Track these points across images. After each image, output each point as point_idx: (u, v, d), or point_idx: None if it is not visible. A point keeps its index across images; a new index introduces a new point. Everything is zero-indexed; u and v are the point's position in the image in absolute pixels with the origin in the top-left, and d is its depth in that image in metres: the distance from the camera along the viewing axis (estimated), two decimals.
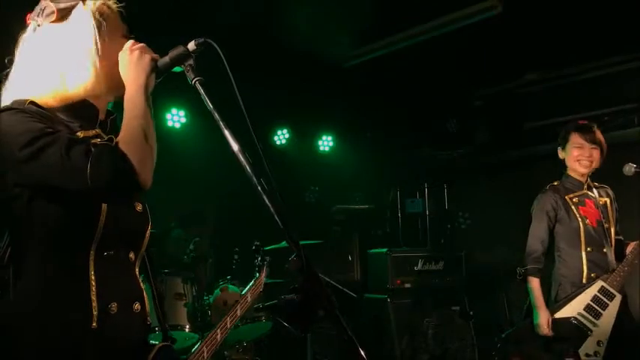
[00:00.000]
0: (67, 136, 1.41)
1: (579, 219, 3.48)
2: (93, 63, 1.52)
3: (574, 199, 3.54)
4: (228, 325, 2.69)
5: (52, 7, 1.55)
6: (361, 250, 6.17)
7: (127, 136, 1.43)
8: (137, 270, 1.64)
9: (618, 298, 3.35)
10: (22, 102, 1.46)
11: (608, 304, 3.33)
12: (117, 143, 1.41)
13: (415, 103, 6.38)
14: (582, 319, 3.33)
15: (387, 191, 7.10)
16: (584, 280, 3.41)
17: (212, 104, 1.43)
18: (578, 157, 3.51)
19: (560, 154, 3.65)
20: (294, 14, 4.56)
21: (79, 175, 1.34)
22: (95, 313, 1.43)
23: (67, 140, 1.38)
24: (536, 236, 3.57)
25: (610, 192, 3.66)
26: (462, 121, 6.64)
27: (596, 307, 3.34)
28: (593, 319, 3.32)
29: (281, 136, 7.00)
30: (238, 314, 2.88)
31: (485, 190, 6.49)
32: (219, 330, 2.61)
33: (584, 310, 3.34)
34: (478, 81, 6.04)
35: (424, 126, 6.78)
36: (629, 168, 3.43)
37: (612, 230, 3.52)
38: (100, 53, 1.53)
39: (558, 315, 3.41)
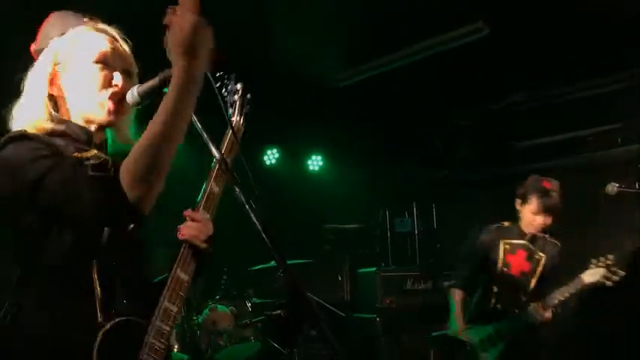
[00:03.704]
0: (70, 161, 1.44)
1: (500, 263, 3.68)
2: (44, 102, 1.60)
3: (506, 246, 3.71)
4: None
5: (32, 49, 1.68)
6: (351, 269, 6.18)
7: (130, 165, 1.35)
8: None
9: (500, 346, 3.54)
10: (18, 132, 1.53)
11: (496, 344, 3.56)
12: (116, 173, 1.36)
13: (403, 123, 6.45)
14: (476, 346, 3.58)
15: (377, 211, 7.13)
16: (490, 306, 3.68)
17: (201, 124, 1.45)
18: (533, 222, 3.60)
19: (517, 205, 3.71)
20: (283, 36, 4.63)
21: (76, 204, 1.37)
22: (100, 319, 1.46)
23: (70, 165, 1.42)
24: (463, 263, 3.89)
25: (555, 249, 3.72)
26: (449, 141, 6.71)
27: (488, 343, 3.58)
28: (483, 353, 3.57)
29: (271, 156, 7.03)
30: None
31: (474, 209, 6.54)
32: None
33: (480, 343, 3.60)
34: (465, 101, 6.12)
35: (412, 146, 6.85)
36: (612, 187, 3.49)
37: (533, 283, 3.66)
38: (55, 93, 1.62)
39: (464, 335, 3.70)
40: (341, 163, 7.28)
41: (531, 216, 3.59)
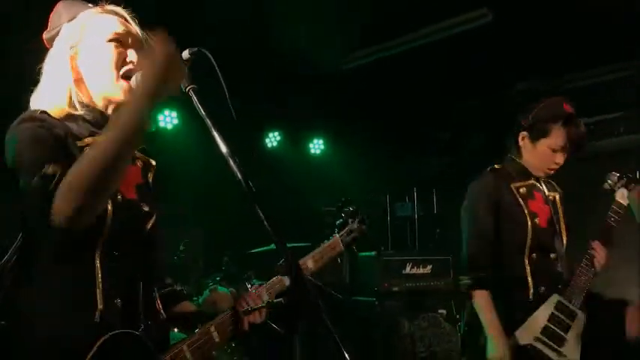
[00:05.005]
0: (43, 174, 1.43)
1: (527, 215, 2.64)
2: (66, 87, 1.60)
3: (521, 189, 2.69)
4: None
5: (44, 37, 1.69)
6: (350, 252, 6.19)
7: (74, 177, 1.35)
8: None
9: (581, 317, 2.62)
10: (34, 112, 1.54)
11: (570, 326, 2.57)
12: (60, 185, 1.37)
13: (406, 108, 6.43)
14: (542, 347, 2.53)
15: (377, 194, 7.14)
16: (530, 296, 2.60)
17: (204, 111, 1.46)
18: (549, 162, 2.70)
19: (521, 141, 2.76)
20: (286, 20, 4.60)
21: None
22: (101, 307, 1.48)
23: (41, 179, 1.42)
24: (479, 234, 2.70)
25: (558, 187, 2.88)
26: (452, 127, 6.70)
27: (557, 330, 2.56)
28: (556, 347, 2.54)
29: (272, 139, 7.03)
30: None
31: None
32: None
33: (542, 334, 2.55)
34: (468, 89, 6.10)
35: (415, 131, 6.83)
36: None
37: (564, 233, 2.74)
38: (74, 76, 1.61)
39: (510, 342, 2.57)
40: (342, 147, 7.28)
41: (549, 154, 2.66)
